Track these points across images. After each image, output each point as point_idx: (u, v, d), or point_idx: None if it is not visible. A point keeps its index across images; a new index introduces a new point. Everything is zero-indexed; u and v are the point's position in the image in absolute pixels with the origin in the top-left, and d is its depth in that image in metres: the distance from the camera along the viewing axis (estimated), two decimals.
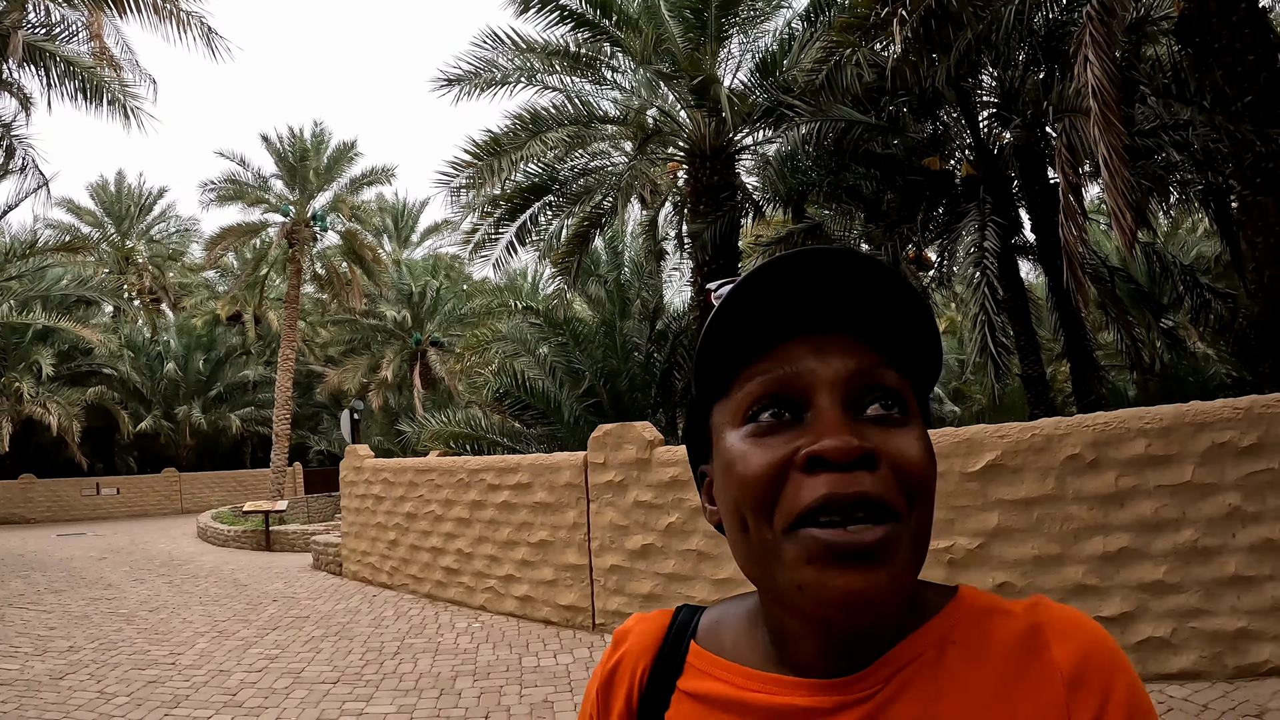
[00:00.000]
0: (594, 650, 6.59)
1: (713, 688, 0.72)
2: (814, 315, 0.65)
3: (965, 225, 10.37)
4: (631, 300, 13.25)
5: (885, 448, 0.62)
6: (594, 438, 7.17)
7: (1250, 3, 7.42)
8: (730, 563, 6.25)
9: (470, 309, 28.29)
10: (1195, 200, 13.02)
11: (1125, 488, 5.21)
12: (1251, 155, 7.18)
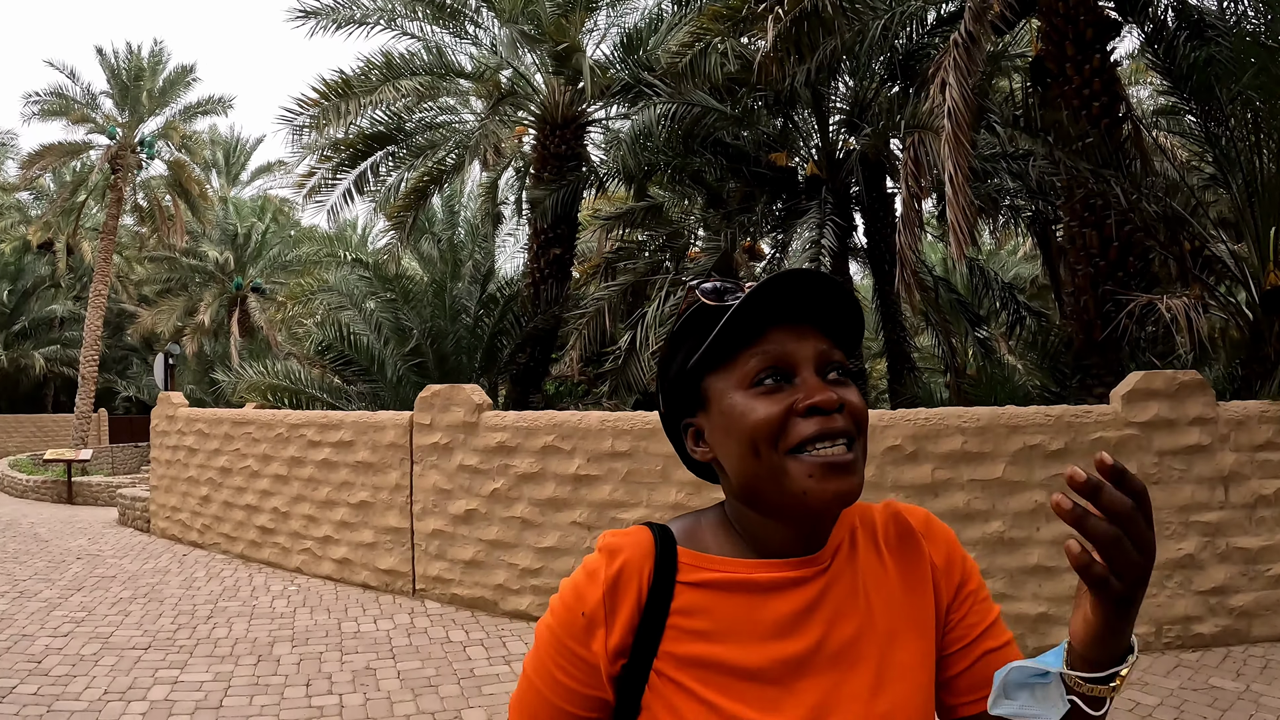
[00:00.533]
0: (414, 616, 6.37)
1: (709, 576, 0.98)
2: (792, 313, 0.95)
3: (806, 221, 10.66)
4: (464, 262, 12.99)
5: (845, 399, 0.93)
6: (421, 398, 6.94)
7: (1103, 55, 7.84)
8: (554, 532, 6.26)
9: (297, 256, 26.94)
10: (1023, 225, 13.77)
11: (941, 480, 5.70)
12: (1084, 191, 7.60)
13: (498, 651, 5.57)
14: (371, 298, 11.50)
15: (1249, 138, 7.38)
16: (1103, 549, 0.78)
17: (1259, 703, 4.73)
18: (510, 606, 6.38)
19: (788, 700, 0.93)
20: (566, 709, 0.98)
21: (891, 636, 0.98)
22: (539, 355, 12.51)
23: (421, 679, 5.02)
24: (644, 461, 6.13)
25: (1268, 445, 5.95)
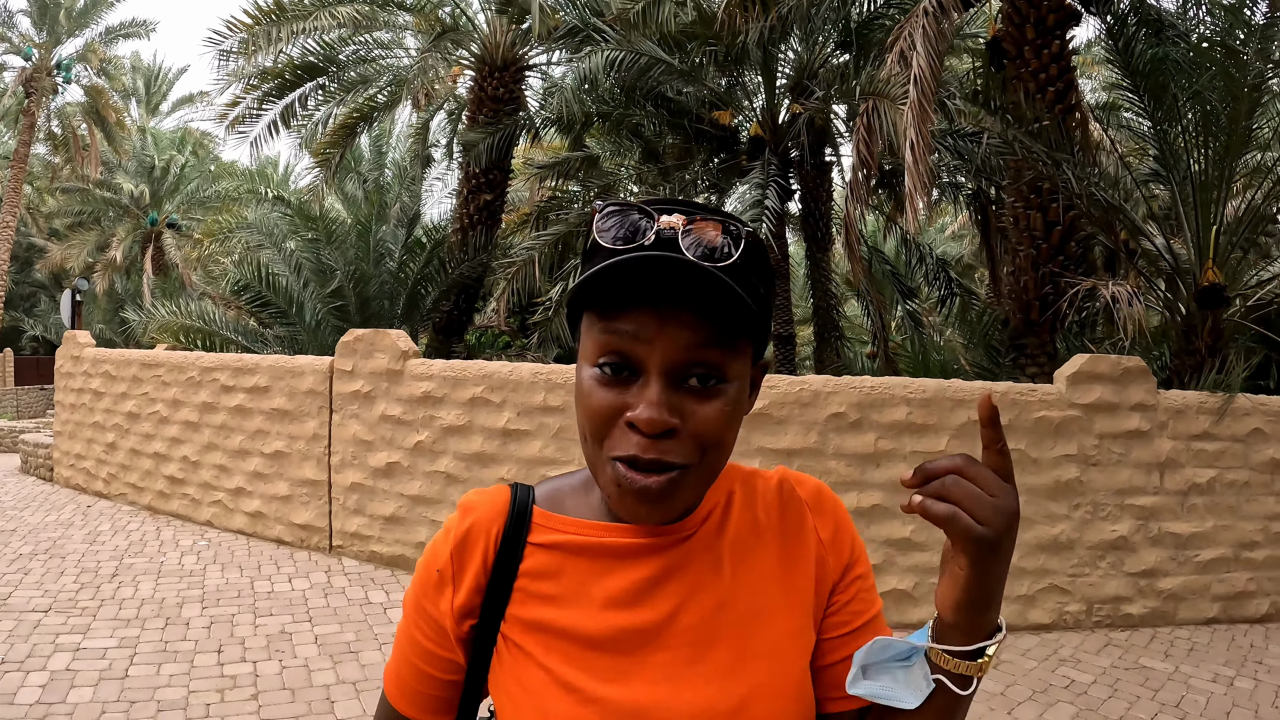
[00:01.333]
0: (331, 575, 6.02)
1: (560, 538, 0.93)
2: (665, 291, 0.80)
3: (749, 181, 10.50)
4: (390, 204, 12.55)
5: (692, 416, 0.83)
6: (344, 343, 6.54)
7: (1062, 42, 7.84)
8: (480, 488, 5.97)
9: (216, 192, 25.81)
10: (961, 202, 13.83)
11: (884, 449, 5.72)
12: (1033, 174, 7.59)
13: None
14: (293, 237, 10.98)
15: (1196, 138, 7.41)
16: (948, 492, 0.78)
17: (1188, 684, 4.98)
18: None
19: (635, 673, 0.87)
20: (424, 669, 0.96)
21: (758, 613, 0.92)
22: (463, 304, 12.15)
23: (340, 644, 4.72)
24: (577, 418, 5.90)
25: (1204, 435, 6.08)
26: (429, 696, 0.97)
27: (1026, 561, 5.74)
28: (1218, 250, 7.40)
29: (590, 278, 0.80)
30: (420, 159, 14.73)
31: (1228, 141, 7.15)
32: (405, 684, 0.97)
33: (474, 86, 12.12)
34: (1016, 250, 8.40)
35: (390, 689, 0.99)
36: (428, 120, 15.34)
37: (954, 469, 0.78)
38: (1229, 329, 7.50)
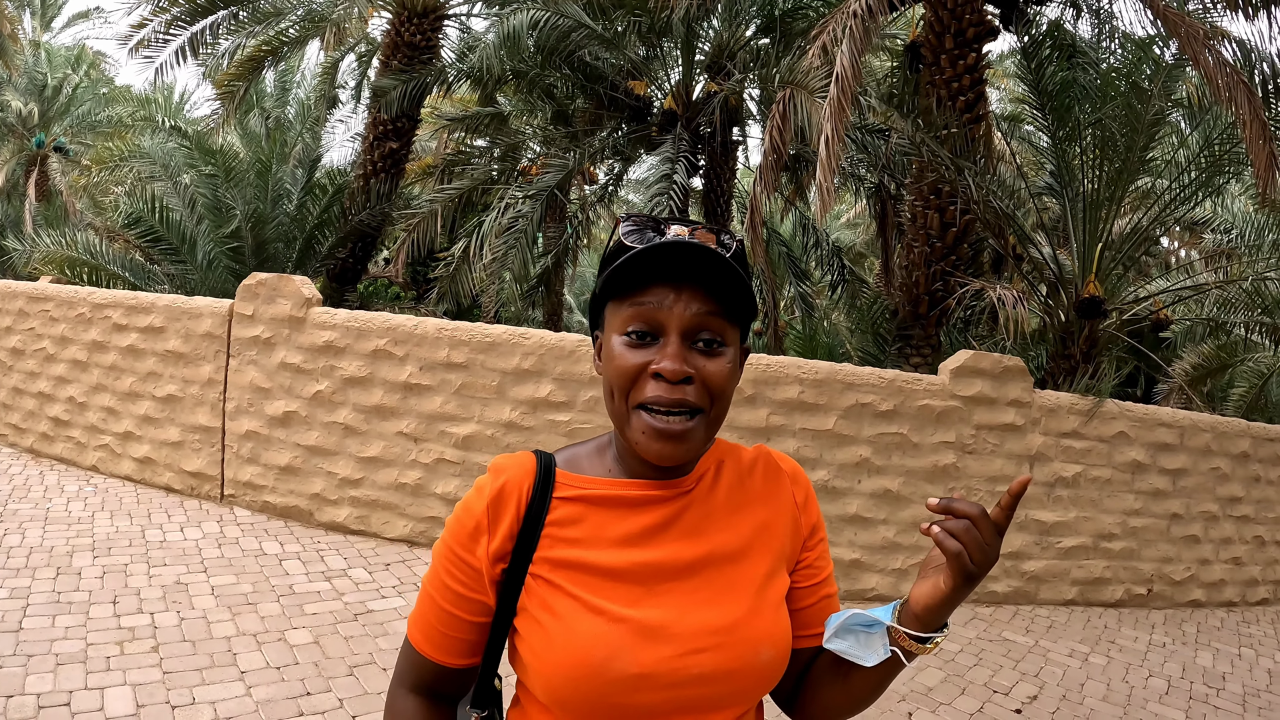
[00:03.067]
0: (224, 525, 5.86)
1: (581, 492, 1.12)
2: (679, 271, 1.04)
3: (660, 154, 10.58)
4: (292, 144, 12.15)
5: (702, 369, 1.05)
6: (245, 286, 6.34)
7: (978, 55, 8.09)
8: (379, 441, 5.95)
9: (109, 117, 24.50)
10: (864, 194, 14.19)
11: (775, 425, 5.94)
12: (935, 176, 7.85)
13: (316, 567, 5.22)
14: (189, 171, 10.49)
15: (1093, 159, 7.81)
16: (960, 534, 0.99)
17: (1047, 657, 5.44)
18: (326, 518, 6.01)
19: (648, 599, 1.07)
20: (455, 614, 1.11)
21: (743, 554, 1.13)
22: (359, 252, 11.91)
23: (238, 596, 4.64)
24: (480, 375, 5.89)
25: (1073, 434, 6.47)
26: (457, 640, 1.13)
27: (902, 538, 6.08)
28: (1101, 265, 7.82)
29: (624, 263, 1.03)
30: (326, 100, 14.32)
31: (1122, 166, 7.54)
32: (434, 630, 1.13)
33: (390, 31, 11.83)
34: (912, 246, 8.70)
35: (418, 637, 1.15)
36: (337, 61, 14.89)
37: (971, 516, 0.99)
38: (1104, 339, 7.96)
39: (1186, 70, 7.57)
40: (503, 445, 5.85)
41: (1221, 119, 7.24)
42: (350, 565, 5.29)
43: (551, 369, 5.88)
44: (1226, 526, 7.16)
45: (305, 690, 3.66)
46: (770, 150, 8.08)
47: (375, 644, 4.17)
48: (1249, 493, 7.24)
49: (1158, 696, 5.11)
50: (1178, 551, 6.93)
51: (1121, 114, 7.31)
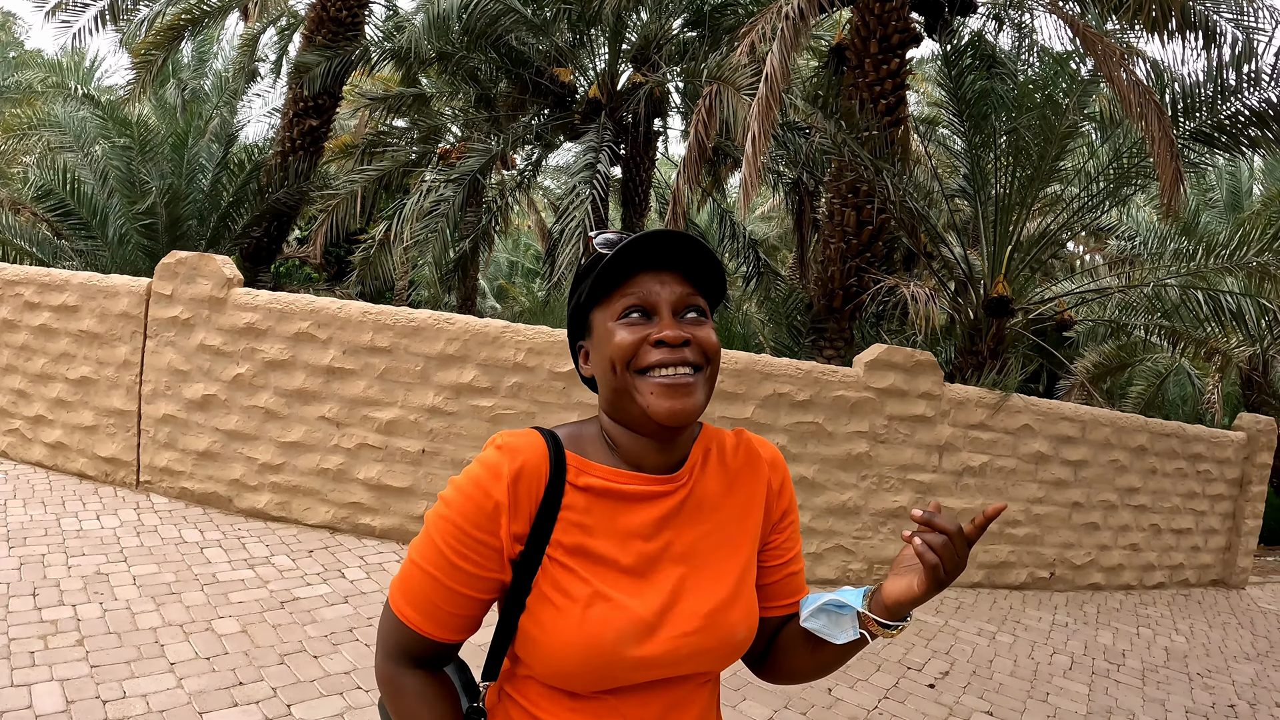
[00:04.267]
0: (141, 513, 5.68)
1: (592, 482, 1.18)
2: (659, 261, 1.18)
3: (584, 143, 10.60)
4: (208, 117, 11.81)
5: (695, 334, 1.16)
6: (165, 264, 6.17)
7: (901, 60, 8.29)
8: (300, 426, 5.88)
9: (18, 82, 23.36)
10: (782, 189, 14.42)
11: None
12: (854, 176, 8.05)
13: (238, 554, 5.13)
14: (103, 141, 10.14)
15: (1007, 165, 8.10)
16: (939, 549, 1.11)
17: (957, 635, 5.76)
18: (246, 504, 5.92)
19: (648, 589, 1.16)
20: (464, 592, 1.14)
21: (729, 542, 1.25)
22: (275, 231, 11.61)
23: (161, 585, 4.53)
24: (404, 360, 5.88)
25: (980, 426, 6.75)
26: (461, 617, 1.17)
27: (816, 523, 6.29)
28: (1010, 266, 8.14)
29: (613, 258, 1.15)
30: (246, 73, 13.94)
31: (1034, 173, 7.84)
32: (435, 608, 1.15)
33: (316, 5, 11.55)
34: (828, 242, 8.90)
35: (413, 615, 1.16)
36: (258, 33, 14.48)
37: (949, 533, 1.11)
38: (1010, 337, 8.29)
39: (1100, 86, 7.90)
40: (425, 431, 5.85)
41: (1131, 134, 7.58)
42: (273, 553, 5.23)
43: (476, 355, 5.89)
44: (1124, 515, 7.63)
45: (237, 680, 3.62)
46: (695, 144, 8.18)
47: (304, 631, 4.15)
48: (1146, 484, 7.71)
49: (1062, 672, 5.47)
50: (1078, 538, 7.36)
51: (1036, 124, 7.59)
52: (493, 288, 28.54)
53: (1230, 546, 8.72)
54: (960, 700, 4.73)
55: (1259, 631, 7.33)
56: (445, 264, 11.15)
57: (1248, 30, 8.43)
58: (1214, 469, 8.33)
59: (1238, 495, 8.64)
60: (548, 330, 5.99)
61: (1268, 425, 8.64)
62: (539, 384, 5.90)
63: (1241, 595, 8.60)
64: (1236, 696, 5.59)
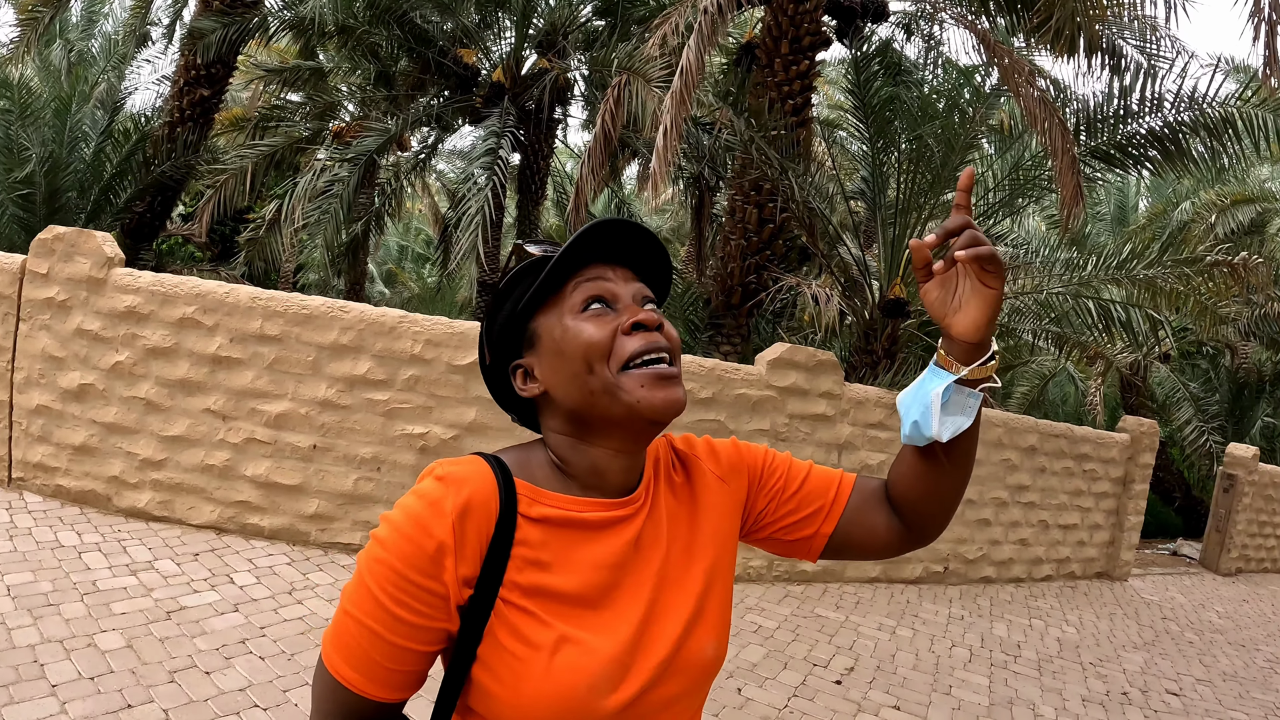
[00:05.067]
0: (14, 513, 5.26)
1: (547, 512, 1.05)
2: (608, 255, 1.10)
3: (487, 129, 10.43)
4: (94, 82, 11.16)
5: (663, 323, 1.07)
6: (41, 240, 5.73)
7: (811, 61, 8.35)
8: (183, 419, 5.53)
9: None
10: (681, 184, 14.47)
11: None
12: (757, 174, 8.09)
13: (119, 559, 4.79)
14: None
15: (908, 171, 8.27)
16: (977, 239, 1.04)
17: (858, 631, 5.90)
18: (126, 503, 5.55)
19: (615, 623, 1.04)
20: (407, 646, 0.98)
21: (689, 558, 1.15)
22: (159, 207, 11.10)
23: (38, 596, 4.16)
24: (295, 349, 5.58)
25: (879, 425, 6.90)
26: (405, 674, 1.01)
27: None
28: (906, 269, 8.34)
29: (564, 252, 1.05)
30: (136, 37, 13.19)
31: (934, 179, 8.00)
32: (374, 665, 0.99)
33: None
34: (729, 238, 8.95)
35: (350, 675, 1.00)
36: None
37: (964, 224, 1.05)
38: (904, 337, 8.49)
39: (1001, 100, 8.12)
40: (317, 425, 5.61)
41: (1029, 147, 7.83)
42: (156, 556, 4.90)
43: (371, 345, 5.67)
44: (1015, 511, 7.94)
45: (125, 702, 3.36)
46: (601, 134, 8.11)
47: (194, 645, 3.89)
48: (1035, 482, 8.04)
49: (962, 664, 5.65)
50: (971, 533, 7.61)
51: (939, 132, 7.76)
52: (381, 272, 27.94)
53: (1114, 541, 9.17)
54: (867, 695, 4.82)
55: (1144, 621, 7.74)
56: (337, 247, 10.80)
57: (1150, 57, 8.84)
58: (1099, 468, 8.74)
59: (1121, 493, 9.10)
60: (446, 321, 5.81)
61: (1150, 428, 9.12)
62: (436, 377, 5.73)
63: (1125, 587, 9.06)
64: (1129, 684, 5.88)
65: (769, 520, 1.26)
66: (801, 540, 1.27)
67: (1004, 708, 5.05)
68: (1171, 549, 12.58)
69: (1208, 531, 11.60)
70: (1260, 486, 11.61)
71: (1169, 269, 7.35)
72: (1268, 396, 17.77)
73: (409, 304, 23.64)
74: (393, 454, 5.65)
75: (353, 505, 5.62)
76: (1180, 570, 10.93)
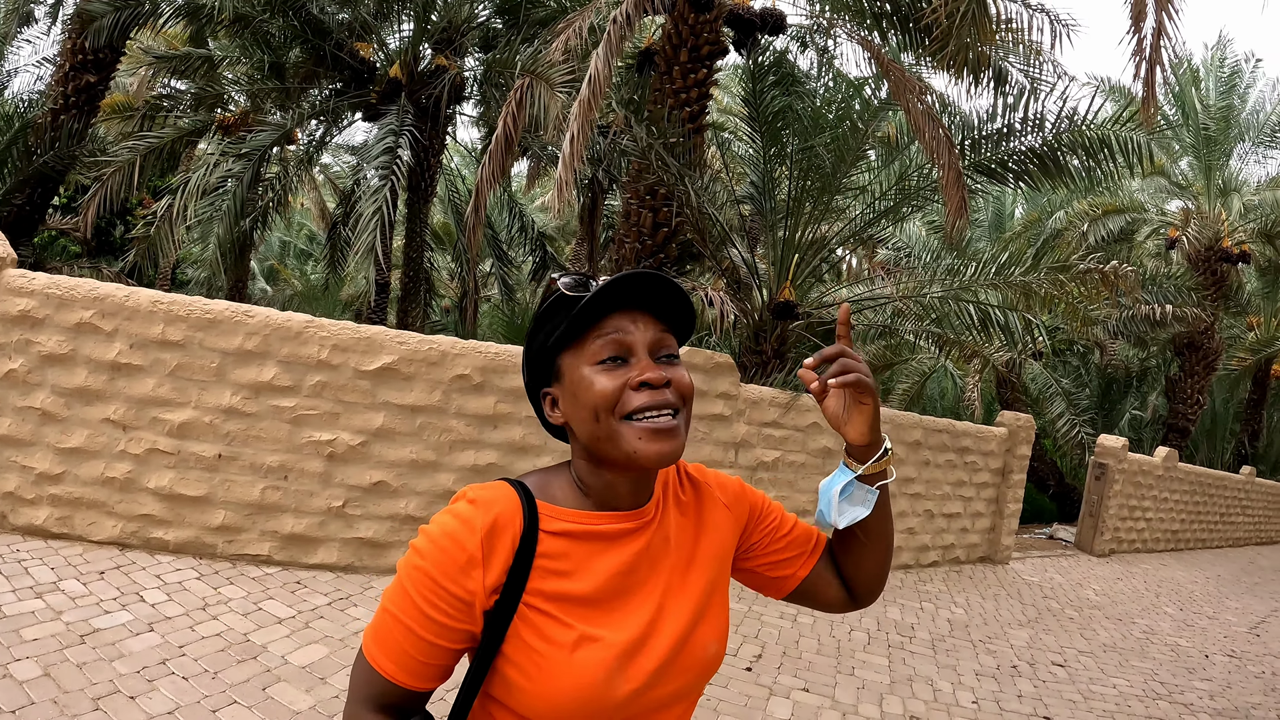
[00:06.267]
0: None
1: (565, 527, 1.21)
2: (631, 301, 1.19)
3: (384, 126, 10.36)
4: None
5: (672, 377, 1.18)
6: None
7: (709, 70, 8.51)
8: (82, 430, 5.40)
9: None
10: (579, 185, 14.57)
11: (503, 413, 6.12)
12: (654, 178, 8.25)
13: (22, 581, 4.60)
14: None
15: (798, 178, 8.57)
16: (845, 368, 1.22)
17: (761, 620, 6.30)
18: (23, 520, 5.36)
19: (628, 622, 1.20)
20: (436, 643, 1.14)
21: (692, 567, 1.31)
22: (39, 199, 10.69)
23: None
24: (198, 355, 5.50)
25: (773, 424, 7.19)
26: (435, 666, 1.17)
27: None
28: (796, 272, 8.65)
29: (591, 301, 1.16)
30: (20, 16, 12.54)
31: (824, 187, 8.32)
32: (409, 658, 1.15)
33: None
34: (623, 241, 9.07)
35: (388, 665, 1.16)
36: None
37: (840, 352, 1.24)
38: (792, 338, 8.81)
39: (890, 113, 8.48)
40: (222, 434, 5.55)
41: (915, 158, 8.21)
42: (60, 577, 4.75)
43: (277, 351, 5.64)
44: (902, 502, 8.45)
45: None
46: (503, 136, 8.17)
47: (113, 669, 3.80)
48: (920, 474, 8.56)
49: (862, 647, 6.06)
50: None
51: (829, 142, 8.08)
52: (264, 269, 27.07)
53: (995, 528, 9.81)
54: (778, 680, 5.12)
55: (1026, 601, 8.37)
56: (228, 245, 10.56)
57: (1034, 80, 9.38)
58: (980, 460, 9.31)
59: (1000, 483, 9.74)
60: (353, 326, 5.84)
61: (1026, 422, 9.76)
62: (344, 383, 5.74)
63: (1006, 570, 9.76)
64: (1016, 658, 6.40)
65: (760, 552, 1.45)
66: (780, 578, 1.46)
67: (904, 684, 5.43)
68: (1048, 533, 13.41)
69: (1082, 516, 12.43)
70: (1130, 474, 12.51)
71: (1045, 275, 7.83)
72: (1134, 391, 19.09)
73: (292, 302, 23.09)
74: (300, 461, 5.65)
75: (260, 515, 5.60)
76: (1057, 553, 11.75)
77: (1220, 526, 16.20)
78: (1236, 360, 17.77)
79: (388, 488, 5.84)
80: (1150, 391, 19.47)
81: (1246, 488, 16.98)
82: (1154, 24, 6.79)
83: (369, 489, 5.80)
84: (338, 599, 5.20)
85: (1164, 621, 8.57)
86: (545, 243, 14.76)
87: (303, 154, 13.29)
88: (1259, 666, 7.38)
